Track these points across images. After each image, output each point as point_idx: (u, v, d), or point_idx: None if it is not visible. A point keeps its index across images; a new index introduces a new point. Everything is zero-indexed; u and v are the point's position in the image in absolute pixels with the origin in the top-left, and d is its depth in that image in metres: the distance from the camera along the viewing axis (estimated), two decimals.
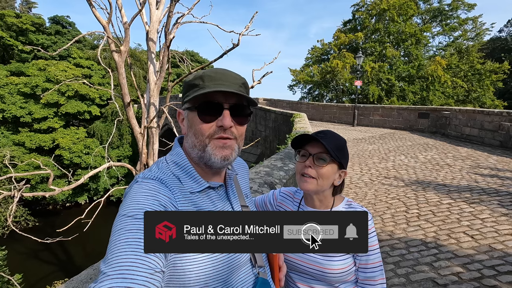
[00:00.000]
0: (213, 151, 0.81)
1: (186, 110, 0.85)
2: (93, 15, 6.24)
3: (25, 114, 21.41)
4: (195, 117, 0.82)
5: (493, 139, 8.85)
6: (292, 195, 1.27)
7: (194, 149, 0.84)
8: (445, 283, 2.58)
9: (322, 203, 1.15)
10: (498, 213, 3.98)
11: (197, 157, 0.84)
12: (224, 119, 0.80)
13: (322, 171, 1.07)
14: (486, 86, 23.27)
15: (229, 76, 0.82)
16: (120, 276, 0.56)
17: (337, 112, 17.56)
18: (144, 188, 0.73)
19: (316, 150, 1.08)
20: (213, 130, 0.81)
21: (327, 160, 1.07)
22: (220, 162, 0.82)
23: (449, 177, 5.78)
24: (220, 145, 0.82)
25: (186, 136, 0.87)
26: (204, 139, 0.82)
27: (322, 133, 1.10)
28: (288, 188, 1.33)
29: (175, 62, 10.77)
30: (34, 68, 22.24)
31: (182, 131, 0.89)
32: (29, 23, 23.90)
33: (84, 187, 22.32)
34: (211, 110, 0.81)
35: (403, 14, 23.70)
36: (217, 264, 0.75)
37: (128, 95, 6.76)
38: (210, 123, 0.81)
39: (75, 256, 16.57)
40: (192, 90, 0.82)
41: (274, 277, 0.93)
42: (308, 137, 1.09)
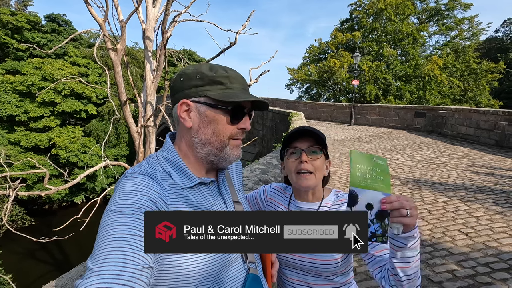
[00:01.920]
0: (231, 150, 0.85)
1: (203, 105, 0.81)
2: (89, 13, 6.19)
3: (21, 113, 21.24)
4: (220, 117, 0.82)
5: (488, 138, 8.93)
6: (283, 191, 1.27)
7: (208, 146, 0.83)
8: (440, 281, 2.61)
9: (314, 196, 1.16)
10: (493, 211, 4.03)
11: (206, 154, 0.83)
12: (247, 123, 0.85)
13: (317, 163, 1.08)
14: (482, 86, 23.46)
15: (243, 79, 0.87)
16: (107, 272, 0.55)
17: (334, 111, 17.61)
18: (133, 183, 0.71)
19: (307, 145, 1.09)
20: (235, 131, 0.84)
21: (319, 152, 1.09)
22: (235, 160, 0.88)
23: (445, 176, 5.83)
24: (236, 145, 0.86)
25: (196, 131, 0.83)
26: (225, 139, 0.84)
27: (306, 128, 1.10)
28: (278, 183, 1.32)
29: (172, 60, 10.73)
30: (30, 67, 22.06)
31: (186, 123, 0.82)
32: (25, 21, 23.65)
33: (81, 187, 22.22)
34: (241, 114, 0.85)
35: (400, 14, 23.81)
36: (208, 260, 0.74)
37: (125, 94, 6.73)
38: (235, 124, 0.84)
39: (71, 256, 16.50)
40: (216, 86, 0.81)
41: (266, 273, 0.92)
42: (301, 132, 1.10)
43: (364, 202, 0.78)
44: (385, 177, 0.80)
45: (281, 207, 1.22)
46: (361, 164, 0.80)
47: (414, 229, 0.79)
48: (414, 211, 0.77)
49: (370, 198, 0.78)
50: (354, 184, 0.79)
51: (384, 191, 0.78)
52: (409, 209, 0.76)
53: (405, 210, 0.75)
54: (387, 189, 0.79)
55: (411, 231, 0.79)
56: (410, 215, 0.76)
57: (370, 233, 0.77)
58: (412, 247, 0.81)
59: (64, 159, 21.31)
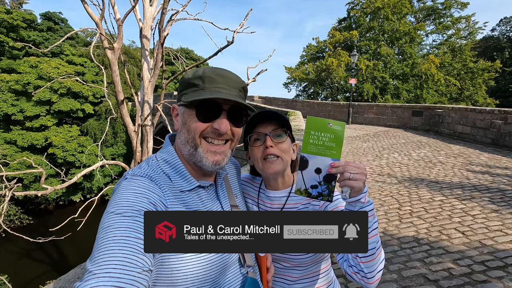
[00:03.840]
0: (205, 154, 0.82)
1: (182, 106, 0.84)
2: (86, 12, 6.15)
3: (17, 112, 21.05)
4: (192, 115, 0.81)
5: (484, 137, 9.00)
6: (251, 180, 1.22)
7: (186, 145, 0.83)
8: (436, 279, 2.63)
9: (284, 184, 1.11)
10: (489, 209, 4.06)
11: (188, 155, 0.84)
12: (221, 124, 0.80)
13: (283, 146, 1.05)
14: (479, 85, 23.62)
15: (230, 79, 0.82)
16: (107, 275, 0.55)
17: (332, 110, 17.64)
18: (133, 185, 0.71)
19: (270, 129, 1.05)
20: (207, 130, 0.82)
21: (283, 135, 1.06)
22: (211, 166, 0.82)
23: (442, 175, 5.87)
24: (212, 150, 0.82)
25: (179, 132, 0.87)
26: (197, 137, 0.81)
27: (267, 111, 1.06)
28: (246, 174, 1.27)
29: (169, 59, 10.68)
30: (26, 65, 21.85)
31: (175, 126, 0.89)
32: (20, 19, 23.41)
33: (78, 186, 22.09)
34: (210, 111, 0.81)
35: (397, 13, 23.87)
36: (205, 264, 0.74)
37: (122, 93, 6.69)
38: (207, 123, 0.81)
39: (69, 256, 16.42)
40: (190, 89, 0.82)
41: (262, 278, 0.93)
42: (262, 116, 1.05)
43: (314, 167, 0.84)
44: (337, 144, 0.84)
45: (251, 198, 1.17)
46: (316, 130, 0.84)
47: (361, 194, 0.82)
48: (359, 176, 0.80)
49: (319, 163, 0.84)
50: (304, 150, 0.85)
51: (334, 157, 0.84)
52: (353, 173, 0.80)
53: (348, 174, 0.79)
54: (337, 155, 0.84)
55: (358, 196, 0.82)
56: (354, 179, 0.79)
57: (317, 193, 0.85)
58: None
59: (60, 158, 21.17)
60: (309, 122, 0.85)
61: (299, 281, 1.07)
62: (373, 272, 0.86)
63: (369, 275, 0.86)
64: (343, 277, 2.69)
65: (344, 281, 2.68)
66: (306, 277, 1.07)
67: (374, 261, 0.86)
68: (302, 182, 0.85)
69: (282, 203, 1.09)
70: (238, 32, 6.87)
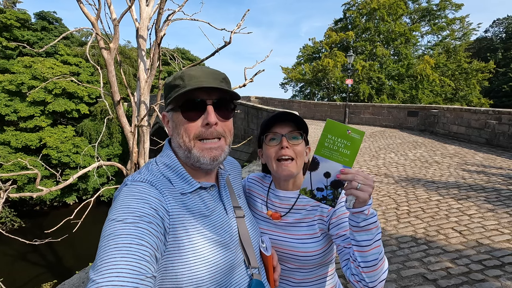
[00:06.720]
0: (200, 153, 0.81)
1: (170, 111, 0.85)
2: (81, 11, 6.09)
3: (10, 113, 20.78)
4: (179, 117, 0.81)
5: (479, 137, 9.08)
6: (261, 180, 1.23)
7: (180, 149, 0.83)
8: (435, 278, 2.64)
9: (294, 184, 1.12)
10: (485, 209, 4.09)
11: (184, 157, 0.84)
12: (209, 116, 0.79)
13: (298, 148, 1.05)
14: (473, 85, 23.88)
15: (209, 73, 0.82)
16: (110, 283, 0.54)
17: (328, 110, 17.69)
18: (133, 191, 0.71)
19: (287, 130, 1.05)
20: (199, 130, 0.81)
21: (299, 137, 1.06)
22: (210, 163, 0.82)
23: (438, 174, 5.91)
24: (207, 147, 0.81)
25: (172, 137, 0.87)
26: (190, 141, 0.81)
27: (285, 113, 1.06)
28: (256, 173, 1.28)
29: (166, 59, 10.64)
30: (20, 65, 21.58)
31: (168, 133, 0.89)
32: (14, 18, 23.12)
33: (73, 187, 21.87)
34: (195, 107, 0.80)
35: (392, 14, 24.05)
36: (210, 267, 0.74)
37: (118, 93, 6.64)
38: (195, 121, 0.80)
39: (64, 258, 16.24)
40: (173, 91, 0.81)
41: (269, 278, 0.93)
42: (280, 117, 1.05)
43: (323, 170, 0.84)
44: (352, 152, 0.83)
45: (260, 197, 1.18)
46: (333, 134, 0.83)
47: (365, 206, 0.81)
48: (367, 187, 0.79)
49: (329, 167, 0.83)
50: (318, 152, 0.84)
51: (346, 164, 0.83)
52: (361, 183, 0.79)
53: (356, 183, 0.78)
54: (350, 163, 0.83)
55: (361, 207, 0.81)
56: (361, 189, 0.79)
57: (322, 196, 0.85)
58: (365, 228, 0.82)
59: (55, 159, 20.94)
60: (327, 125, 0.84)
61: (302, 284, 1.07)
62: (375, 282, 0.86)
63: (371, 284, 0.86)
64: (343, 277, 2.69)
65: (344, 281, 2.67)
66: (309, 280, 1.07)
67: (376, 272, 0.85)
68: (309, 183, 0.85)
69: (291, 204, 1.10)
70: (235, 32, 6.85)
